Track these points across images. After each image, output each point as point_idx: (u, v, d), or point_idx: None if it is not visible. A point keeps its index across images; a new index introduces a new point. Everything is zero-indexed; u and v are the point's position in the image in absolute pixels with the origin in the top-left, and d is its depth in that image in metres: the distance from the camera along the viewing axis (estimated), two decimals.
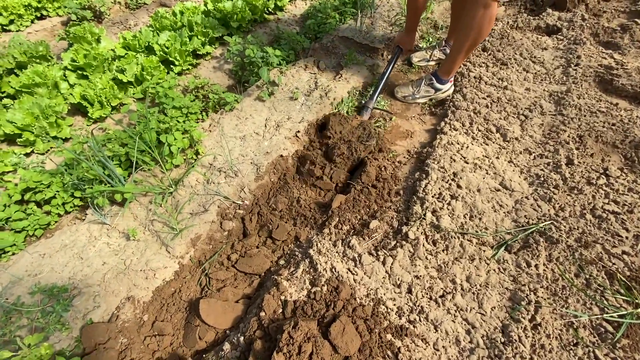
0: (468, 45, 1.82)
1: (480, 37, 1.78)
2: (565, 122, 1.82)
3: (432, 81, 2.07)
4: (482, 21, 1.70)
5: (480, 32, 1.75)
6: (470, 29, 1.76)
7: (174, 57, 2.12)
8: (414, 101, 2.14)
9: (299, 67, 2.19)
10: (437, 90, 2.09)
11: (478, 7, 1.68)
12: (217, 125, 1.88)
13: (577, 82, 2.04)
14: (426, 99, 2.12)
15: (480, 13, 1.69)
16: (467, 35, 1.79)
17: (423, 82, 2.08)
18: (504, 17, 2.73)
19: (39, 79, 1.87)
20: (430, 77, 2.07)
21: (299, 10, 2.81)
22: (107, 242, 1.43)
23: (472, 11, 1.71)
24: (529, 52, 2.28)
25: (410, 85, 2.13)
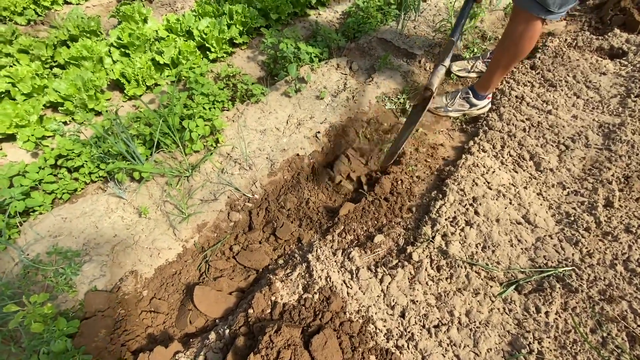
0: (506, 60, 1.69)
1: (519, 54, 1.64)
2: (611, 159, 1.64)
3: (468, 95, 1.95)
4: (522, 37, 1.57)
5: (520, 49, 1.61)
6: (510, 44, 1.63)
7: (210, 44, 2.17)
8: (446, 114, 2.03)
9: (330, 66, 2.16)
10: (472, 106, 1.96)
11: (519, 22, 1.55)
12: (241, 116, 1.90)
13: (634, 116, 1.82)
14: (459, 113, 2.01)
15: (521, 28, 1.55)
16: (506, 50, 1.66)
17: (459, 95, 1.96)
18: (563, 33, 2.49)
19: (87, 52, 2.00)
20: (467, 91, 1.95)
21: (342, 7, 2.76)
22: (121, 216, 1.51)
23: (513, 25, 1.58)
24: (584, 76, 2.07)
25: (445, 97, 2.02)
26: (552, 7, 1.42)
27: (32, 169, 1.58)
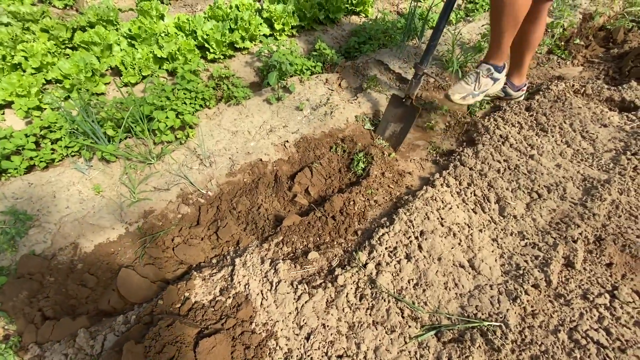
0: (505, 25, 1.54)
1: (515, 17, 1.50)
2: (583, 216, 1.50)
3: (490, 71, 1.74)
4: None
5: (513, 12, 1.48)
6: (501, 9, 1.50)
7: (210, 45, 2.28)
8: (475, 99, 1.80)
9: (319, 80, 2.18)
10: (495, 81, 1.79)
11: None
12: (219, 115, 1.97)
13: (624, 174, 1.66)
14: (483, 94, 1.81)
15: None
16: (500, 17, 1.53)
17: (480, 73, 1.75)
18: (575, 78, 2.35)
19: (97, 38, 2.17)
20: (487, 67, 1.74)
21: (351, 25, 2.80)
22: (79, 190, 1.60)
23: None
24: (582, 125, 1.93)
25: (465, 82, 1.77)
26: None
27: (18, 135, 1.72)
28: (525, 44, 1.81)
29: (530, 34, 1.75)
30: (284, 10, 2.51)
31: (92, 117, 1.52)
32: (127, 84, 2.14)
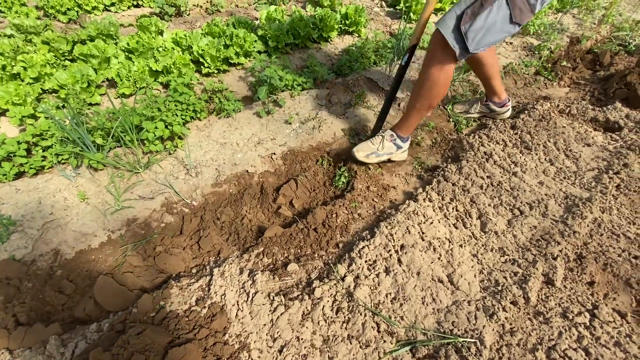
0: (421, 99, 1.64)
1: (432, 95, 1.60)
2: (564, 234, 1.50)
3: (394, 138, 1.82)
4: (436, 76, 1.54)
5: (431, 88, 1.57)
6: (422, 84, 1.60)
7: (205, 60, 2.35)
8: (379, 159, 1.82)
9: (309, 96, 2.23)
10: (398, 148, 1.84)
11: (434, 57, 1.52)
12: (209, 127, 2.01)
13: (606, 192, 1.67)
14: (387, 157, 1.83)
15: (435, 66, 1.52)
16: (419, 90, 1.62)
17: (384, 138, 1.81)
18: (560, 98, 2.40)
19: (96, 51, 2.24)
20: (392, 134, 1.82)
21: (344, 44, 2.88)
22: (65, 197, 1.62)
23: (428, 60, 1.55)
24: (566, 144, 1.96)
25: (371, 142, 1.81)
26: (470, 43, 1.40)
27: (10, 142, 1.76)
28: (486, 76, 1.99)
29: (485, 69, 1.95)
30: (279, 29, 2.59)
31: (82, 125, 1.56)
32: (121, 95, 2.20)
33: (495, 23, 1.35)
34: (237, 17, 2.68)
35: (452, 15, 1.40)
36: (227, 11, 3.35)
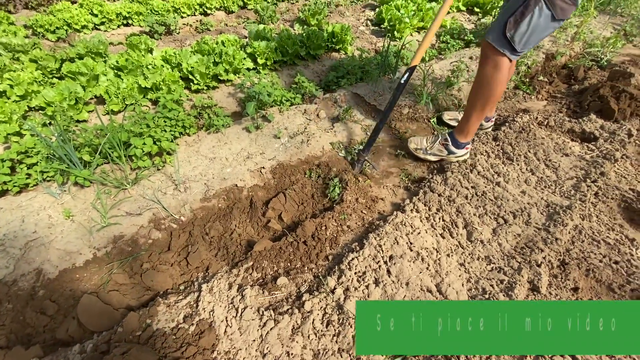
0: (479, 104, 1.76)
1: (491, 96, 1.71)
2: (547, 241, 1.54)
3: (447, 142, 1.96)
4: (493, 78, 1.65)
5: (491, 91, 1.69)
6: (480, 86, 1.71)
7: (194, 77, 2.38)
8: (425, 156, 2.03)
9: (297, 111, 2.28)
10: (450, 153, 1.97)
11: (486, 64, 1.64)
12: (198, 142, 2.02)
13: (585, 200, 1.73)
14: (437, 157, 2.01)
15: (489, 70, 1.65)
16: (477, 94, 1.74)
17: (439, 139, 1.98)
18: (539, 111, 2.51)
19: (85, 69, 2.26)
20: (447, 137, 1.96)
21: (330, 61, 2.96)
22: (49, 215, 1.59)
23: (481, 69, 1.68)
24: (546, 154, 2.04)
25: (426, 139, 2.02)
26: (518, 44, 1.52)
27: None
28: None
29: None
30: (267, 47, 2.66)
31: (69, 142, 1.55)
32: (110, 112, 2.20)
33: (539, 24, 1.46)
34: (227, 36, 2.74)
35: (496, 26, 1.54)
36: (217, 30, 3.42)
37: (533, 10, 1.42)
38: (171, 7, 3.48)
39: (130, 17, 3.28)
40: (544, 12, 1.42)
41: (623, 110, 2.37)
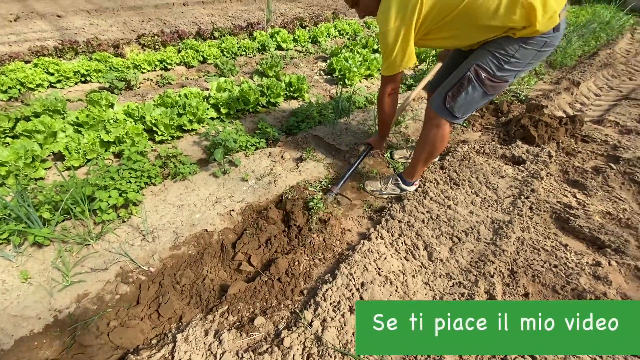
0: (424, 157, 2.00)
1: (435, 151, 1.96)
2: (496, 253, 1.74)
3: (397, 181, 2.20)
4: (435, 138, 1.88)
5: (434, 147, 1.93)
6: (425, 144, 1.94)
7: (159, 128, 2.45)
8: (381, 196, 2.24)
9: (262, 154, 2.40)
10: (402, 190, 2.21)
11: (431, 126, 1.87)
12: (165, 191, 2.04)
13: (522, 215, 1.99)
14: (392, 195, 2.23)
15: (434, 131, 1.87)
16: (423, 149, 1.97)
17: (390, 180, 2.22)
18: (476, 141, 2.87)
19: (42, 127, 2.23)
20: (397, 178, 2.20)
21: (290, 108, 3.20)
22: (3, 280, 1.49)
23: (426, 129, 1.90)
24: (485, 178, 2.33)
25: (380, 181, 2.26)
26: (458, 113, 1.75)
27: None
28: None
29: None
30: (230, 97, 2.83)
31: (28, 201, 1.51)
32: (70, 167, 2.16)
33: (474, 98, 1.69)
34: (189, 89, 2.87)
35: (438, 97, 1.78)
36: (178, 83, 3.57)
37: (467, 88, 1.65)
38: (131, 64, 3.59)
39: (89, 74, 3.33)
40: (476, 90, 1.65)
41: (542, 136, 2.80)
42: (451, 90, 1.71)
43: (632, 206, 2.26)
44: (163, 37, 4.36)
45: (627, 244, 1.92)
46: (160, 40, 4.30)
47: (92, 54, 3.81)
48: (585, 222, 2.04)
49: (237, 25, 5.41)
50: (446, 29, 1.60)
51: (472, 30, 1.57)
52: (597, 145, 2.96)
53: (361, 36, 5.37)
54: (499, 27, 1.50)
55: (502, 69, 1.59)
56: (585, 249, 1.93)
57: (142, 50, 4.21)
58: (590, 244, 1.96)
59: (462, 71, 1.68)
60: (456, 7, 1.48)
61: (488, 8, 1.44)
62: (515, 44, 1.53)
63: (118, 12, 6.03)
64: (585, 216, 2.09)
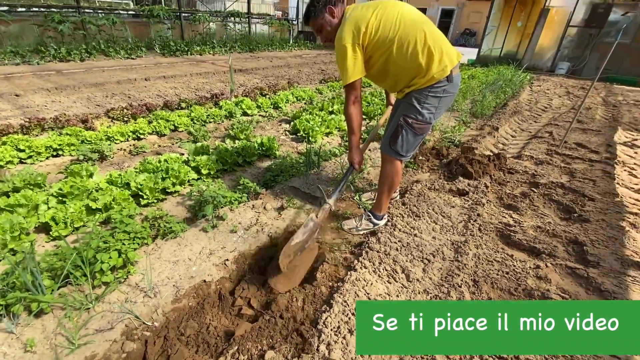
0: (386, 189, 2.41)
1: (393, 184, 2.37)
2: (460, 268, 2.08)
3: (369, 217, 2.54)
4: (392, 173, 2.33)
5: (393, 180, 2.35)
6: (385, 178, 2.38)
7: (144, 192, 2.59)
8: (358, 233, 2.52)
9: (247, 207, 2.63)
10: (375, 225, 2.54)
11: (386, 164, 2.33)
12: (158, 250, 2.14)
13: (474, 235, 2.41)
14: (367, 230, 2.53)
15: (389, 167, 2.32)
16: (384, 183, 2.39)
17: (363, 217, 2.56)
18: (426, 180, 3.39)
19: (24, 201, 2.27)
20: (368, 214, 2.55)
21: (264, 165, 3.52)
22: (4, 352, 1.46)
23: (383, 167, 2.36)
24: (440, 208, 2.77)
25: (354, 220, 2.58)
26: (402, 152, 2.23)
27: None
28: None
29: None
30: (209, 159, 3.09)
31: (35, 265, 1.56)
32: (56, 237, 2.19)
33: (409, 139, 2.19)
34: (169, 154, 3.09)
35: (385, 142, 2.29)
36: (152, 151, 3.75)
37: (402, 133, 2.18)
38: (104, 136, 3.75)
39: (61, 148, 3.41)
40: (409, 132, 2.18)
41: (477, 171, 3.41)
42: (392, 137, 2.24)
43: (554, 219, 2.82)
44: (132, 110, 4.60)
45: (556, 249, 2.40)
46: (130, 113, 4.53)
47: (61, 129, 3.90)
48: (522, 235, 2.51)
49: (202, 96, 5.87)
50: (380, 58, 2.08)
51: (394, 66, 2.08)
52: (520, 175, 3.64)
53: (317, 100, 6.11)
54: (410, 67, 2.05)
55: (421, 113, 2.14)
56: (526, 257, 2.36)
57: (112, 123, 4.39)
58: (530, 252, 2.40)
59: (396, 122, 2.22)
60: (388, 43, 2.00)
61: (406, 51, 2.00)
62: (424, 93, 2.10)
63: (80, 88, 6.21)
64: (522, 231, 2.57)
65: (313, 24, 2.22)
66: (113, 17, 11.02)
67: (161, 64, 9.56)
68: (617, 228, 2.67)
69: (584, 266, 2.24)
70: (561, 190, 3.27)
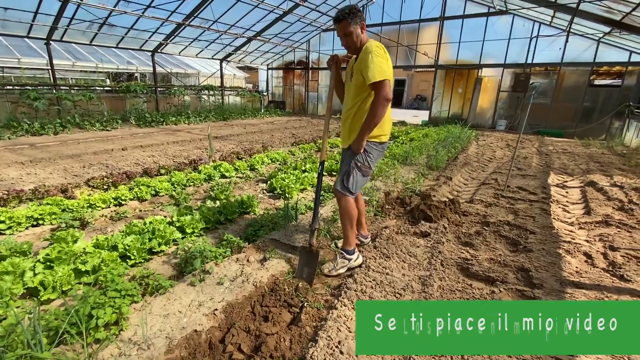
0: (348, 223, 2.75)
1: (351, 217, 2.72)
2: (427, 298, 2.36)
3: (343, 254, 2.83)
4: (347, 208, 2.71)
5: (350, 214, 2.72)
6: (344, 215, 2.74)
7: (131, 253, 2.73)
8: (336, 272, 2.78)
9: (231, 260, 2.82)
10: (349, 260, 2.82)
11: (341, 201, 2.72)
12: (148, 306, 2.24)
13: (437, 269, 2.74)
14: (344, 268, 2.79)
15: (343, 203, 2.71)
16: (344, 219, 2.75)
17: (338, 257, 2.84)
18: (394, 225, 3.78)
19: (11, 268, 2.33)
20: (341, 252, 2.85)
21: (245, 221, 3.77)
22: None
23: (339, 204, 2.75)
24: (407, 249, 3.11)
25: (331, 262, 2.85)
26: (352, 190, 2.63)
27: None
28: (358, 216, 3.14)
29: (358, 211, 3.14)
30: (192, 219, 3.31)
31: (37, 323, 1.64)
32: (45, 301, 2.23)
33: (358, 179, 2.64)
34: (154, 217, 3.28)
35: (339, 181, 2.69)
36: (134, 216, 3.90)
37: (352, 174, 2.65)
38: (86, 204, 3.87)
39: (42, 217, 3.48)
40: (358, 174, 2.66)
41: (436, 215, 3.86)
42: (344, 176, 2.69)
43: (504, 251, 3.24)
44: (113, 178, 4.79)
45: (507, 276, 2.76)
46: (111, 181, 4.70)
47: (41, 200, 3.97)
48: (479, 267, 2.88)
49: (181, 162, 6.19)
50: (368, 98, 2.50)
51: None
52: (473, 216, 4.14)
53: (290, 161, 6.63)
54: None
55: (367, 160, 2.64)
56: (483, 285, 2.70)
57: (93, 192, 4.52)
58: (486, 281, 2.74)
59: (347, 164, 2.69)
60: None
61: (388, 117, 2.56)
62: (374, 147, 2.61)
63: (55, 160, 6.32)
64: (478, 263, 2.94)
65: (344, 26, 2.40)
66: (90, 94, 11.55)
67: (137, 134, 9.94)
68: (555, 255, 3.13)
69: (530, 288, 2.60)
70: (508, 227, 3.78)
